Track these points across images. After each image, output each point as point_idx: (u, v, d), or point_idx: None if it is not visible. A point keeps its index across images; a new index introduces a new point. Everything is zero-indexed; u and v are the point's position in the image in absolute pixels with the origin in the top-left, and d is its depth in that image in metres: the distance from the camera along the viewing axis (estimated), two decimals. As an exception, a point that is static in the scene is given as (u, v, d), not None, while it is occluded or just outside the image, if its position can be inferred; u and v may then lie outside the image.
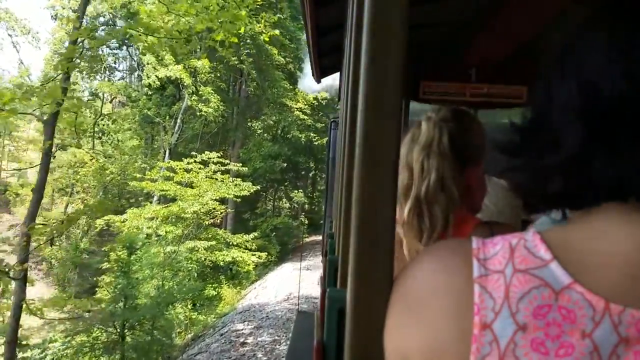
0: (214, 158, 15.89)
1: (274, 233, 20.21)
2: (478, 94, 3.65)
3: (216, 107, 19.08)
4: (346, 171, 1.14)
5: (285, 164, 21.46)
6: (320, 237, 19.06)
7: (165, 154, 19.88)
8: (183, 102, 20.01)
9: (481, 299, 0.42)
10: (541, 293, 0.40)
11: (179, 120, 20.29)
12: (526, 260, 0.43)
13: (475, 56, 3.47)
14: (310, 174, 28.21)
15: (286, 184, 24.86)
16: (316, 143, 22.59)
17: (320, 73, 4.56)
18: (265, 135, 23.27)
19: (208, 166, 15.82)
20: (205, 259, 15.14)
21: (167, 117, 20.71)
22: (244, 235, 16.84)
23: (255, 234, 17.39)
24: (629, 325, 0.38)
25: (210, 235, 16.01)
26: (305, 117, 21.54)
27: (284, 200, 25.27)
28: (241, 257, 15.82)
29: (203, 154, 15.89)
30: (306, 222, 23.61)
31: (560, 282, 0.40)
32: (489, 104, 3.73)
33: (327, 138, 6.86)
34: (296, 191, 25.05)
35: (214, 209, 15.76)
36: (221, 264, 15.73)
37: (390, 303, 0.50)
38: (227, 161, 16.74)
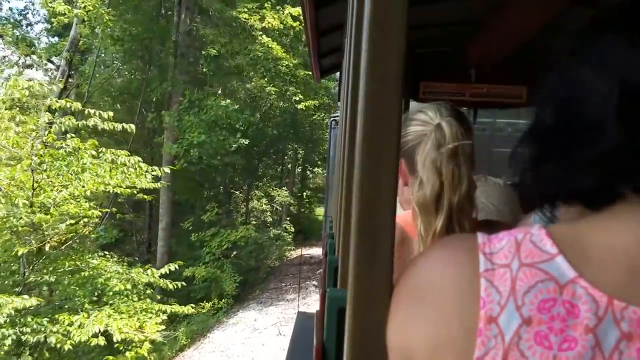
0: (54, 103, 7.05)
1: (234, 253, 12.28)
2: (478, 94, 3.65)
3: (88, 13, 9.91)
4: (346, 171, 1.14)
5: (246, 141, 11.65)
6: (314, 251, 15.37)
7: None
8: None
9: (487, 292, 0.42)
10: (546, 287, 0.41)
11: (62, 62, 11.58)
12: (532, 254, 0.43)
13: (475, 56, 3.46)
14: (298, 168, 21.62)
15: (265, 178, 17.81)
16: (302, 107, 12.62)
17: (320, 73, 4.57)
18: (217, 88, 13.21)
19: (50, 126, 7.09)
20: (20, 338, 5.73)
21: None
22: (150, 271, 7.45)
23: (174, 266, 7.68)
24: (631, 322, 0.38)
25: (59, 273, 6.69)
26: (277, 50, 11.53)
27: (263, 201, 17.38)
28: (113, 329, 6.23)
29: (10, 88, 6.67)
30: (292, 230, 16.67)
31: (565, 276, 0.41)
32: (489, 104, 3.73)
33: (327, 133, 6.84)
34: (278, 189, 17.84)
35: (84, 218, 7.08)
36: (66, 347, 5.90)
37: (395, 298, 0.50)
38: (78, 105, 7.08)
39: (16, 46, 14.61)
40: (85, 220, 7.38)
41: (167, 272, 7.54)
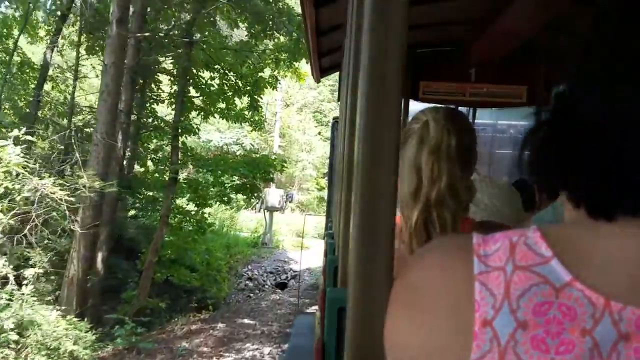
0: None
1: None
2: (478, 93, 3.65)
3: None
4: (346, 171, 1.15)
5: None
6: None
7: None
8: None
9: (481, 295, 0.42)
10: (541, 290, 0.40)
11: None
12: (527, 256, 0.42)
13: (475, 56, 3.46)
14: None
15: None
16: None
17: (320, 73, 4.57)
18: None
19: None
20: None
21: None
22: None
23: None
24: (629, 322, 0.38)
25: None
26: None
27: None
28: None
29: None
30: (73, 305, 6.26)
31: (560, 279, 0.40)
32: (489, 103, 3.73)
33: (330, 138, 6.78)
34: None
35: None
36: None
37: (391, 300, 0.50)
38: None
39: None
40: None
41: None
